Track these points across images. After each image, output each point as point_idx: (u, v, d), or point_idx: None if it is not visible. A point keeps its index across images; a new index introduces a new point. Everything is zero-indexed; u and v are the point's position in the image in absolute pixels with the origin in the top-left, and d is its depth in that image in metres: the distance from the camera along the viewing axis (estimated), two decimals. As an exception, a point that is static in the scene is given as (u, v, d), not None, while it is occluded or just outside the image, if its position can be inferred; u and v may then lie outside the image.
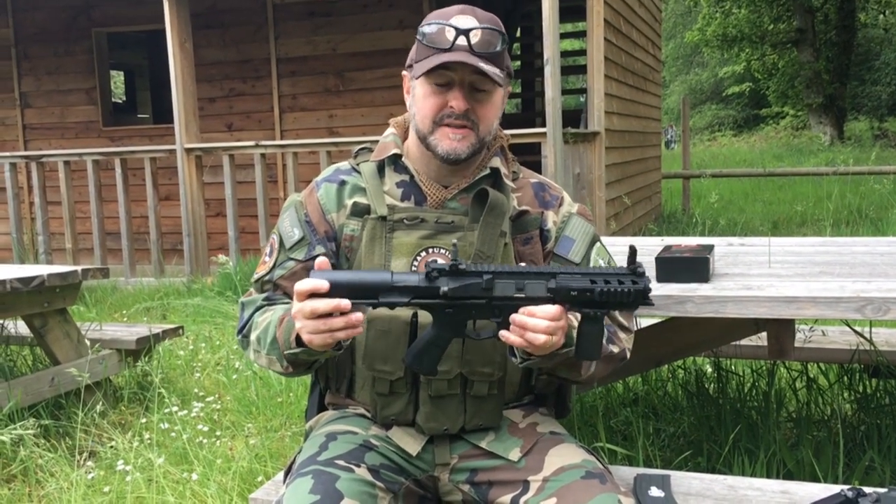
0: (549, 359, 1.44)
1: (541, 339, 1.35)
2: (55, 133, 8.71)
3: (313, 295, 1.33)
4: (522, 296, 1.37)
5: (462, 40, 1.48)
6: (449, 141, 1.53)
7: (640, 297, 1.37)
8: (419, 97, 1.55)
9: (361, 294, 1.36)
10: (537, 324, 1.35)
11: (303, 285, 1.33)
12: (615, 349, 1.58)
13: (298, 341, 1.42)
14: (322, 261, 1.36)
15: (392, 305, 1.38)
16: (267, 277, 1.63)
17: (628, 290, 1.36)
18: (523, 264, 1.51)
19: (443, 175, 1.60)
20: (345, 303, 1.32)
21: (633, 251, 1.39)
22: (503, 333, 1.38)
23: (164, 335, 3.75)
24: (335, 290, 1.33)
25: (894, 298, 1.70)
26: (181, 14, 6.53)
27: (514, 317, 1.37)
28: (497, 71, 1.51)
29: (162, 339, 3.73)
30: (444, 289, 1.36)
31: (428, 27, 1.52)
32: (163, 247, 6.98)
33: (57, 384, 3.23)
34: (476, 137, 1.54)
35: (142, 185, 7.16)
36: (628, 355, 1.63)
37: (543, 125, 5.75)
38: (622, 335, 1.62)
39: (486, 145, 1.60)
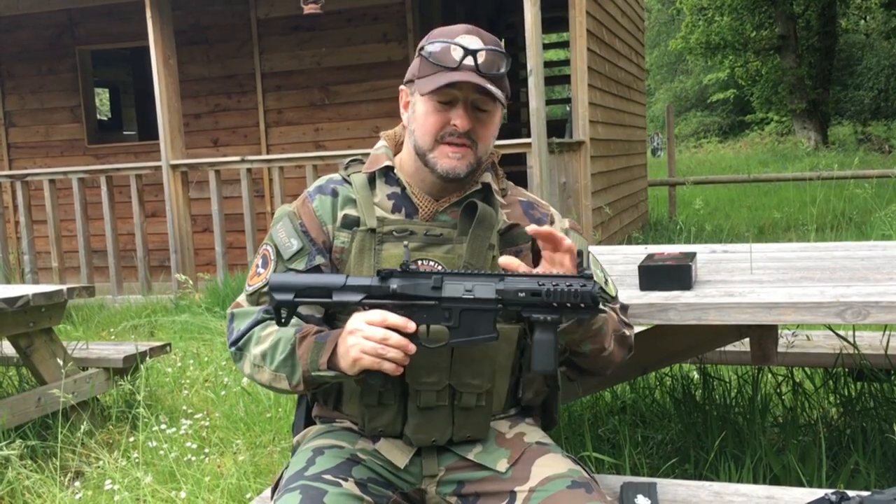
0: (575, 329, 1.48)
1: (567, 242, 1.43)
2: (40, 152, 8.68)
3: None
4: (471, 296, 1.40)
5: (469, 60, 1.50)
6: (448, 160, 1.54)
7: (589, 299, 1.36)
8: (420, 114, 1.56)
9: (316, 292, 1.42)
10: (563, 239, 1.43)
11: (393, 319, 1.38)
12: (627, 331, 1.66)
13: (329, 364, 1.43)
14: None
15: (345, 304, 1.42)
16: (265, 289, 1.58)
17: (575, 291, 1.36)
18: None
19: (435, 189, 1.61)
20: (412, 324, 1.39)
21: (579, 253, 1.43)
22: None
23: (152, 353, 3.74)
24: (290, 288, 1.41)
25: (874, 302, 1.72)
26: (165, 31, 6.54)
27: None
28: (500, 93, 1.52)
29: (149, 357, 3.72)
30: (394, 286, 1.40)
31: (433, 45, 1.53)
32: (150, 264, 6.96)
33: (43, 404, 3.21)
34: (475, 157, 1.56)
35: (128, 203, 7.14)
36: (632, 344, 1.70)
37: (529, 135, 5.77)
38: (626, 331, 1.68)
39: (482, 164, 1.61)
